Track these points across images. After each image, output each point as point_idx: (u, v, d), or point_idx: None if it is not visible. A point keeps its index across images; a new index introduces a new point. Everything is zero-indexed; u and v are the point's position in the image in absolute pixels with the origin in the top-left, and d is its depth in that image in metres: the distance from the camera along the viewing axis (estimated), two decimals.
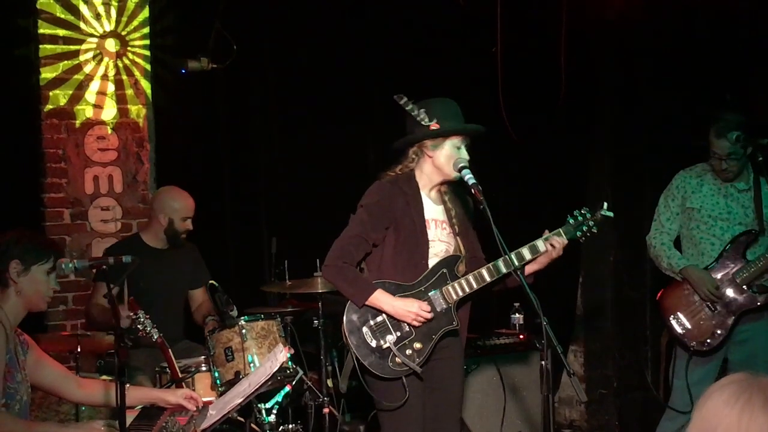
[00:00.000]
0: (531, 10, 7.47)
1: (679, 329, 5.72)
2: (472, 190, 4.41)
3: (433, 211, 4.77)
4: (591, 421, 7.72)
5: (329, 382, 5.88)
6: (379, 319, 4.59)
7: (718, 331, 5.63)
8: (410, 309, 4.54)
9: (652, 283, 7.27)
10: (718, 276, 5.66)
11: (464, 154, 4.62)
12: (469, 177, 4.45)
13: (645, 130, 7.46)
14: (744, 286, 5.62)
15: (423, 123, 4.62)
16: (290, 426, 5.73)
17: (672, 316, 5.75)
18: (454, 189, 4.81)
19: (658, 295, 5.89)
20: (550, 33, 7.38)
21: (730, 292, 5.65)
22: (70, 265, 4.12)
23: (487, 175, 4.64)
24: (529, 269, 4.74)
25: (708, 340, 5.65)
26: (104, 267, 4.18)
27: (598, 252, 7.56)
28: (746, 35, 7.02)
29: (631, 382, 7.61)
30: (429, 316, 4.56)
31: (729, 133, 5.58)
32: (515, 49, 7.35)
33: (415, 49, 7.53)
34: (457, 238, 4.78)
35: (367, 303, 4.56)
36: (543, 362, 4.07)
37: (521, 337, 6.89)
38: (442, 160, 4.66)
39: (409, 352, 4.56)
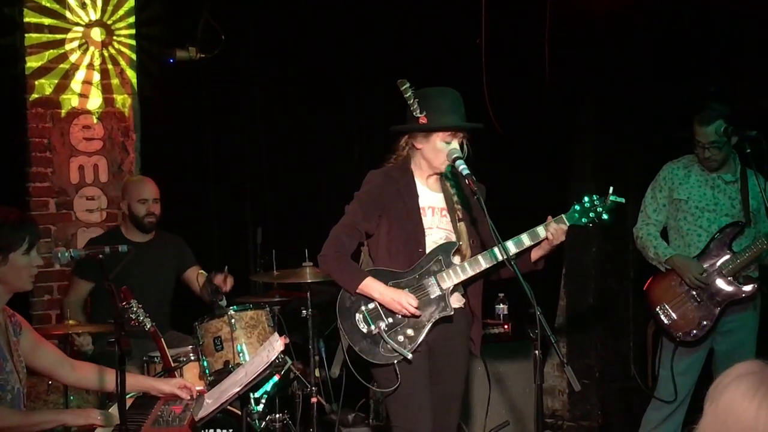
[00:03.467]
0: (515, 1, 7.49)
1: (665, 320, 5.77)
2: (466, 181, 4.43)
3: (431, 199, 4.77)
4: (573, 411, 7.75)
5: (317, 372, 5.88)
6: (371, 305, 4.62)
7: (704, 322, 5.68)
8: (396, 299, 4.55)
9: (634, 274, 7.32)
10: (704, 267, 5.69)
11: (454, 148, 4.60)
12: (462, 168, 4.45)
13: (629, 121, 7.49)
14: (730, 277, 5.66)
15: (414, 114, 4.62)
16: (278, 415, 5.75)
17: (658, 306, 5.79)
18: (457, 176, 4.78)
19: (645, 285, 5.94)
20: (535, 23, 7.41)
21: (716, 283, 5.68)
22: (67, 254, 4.06)
23: (471, 165, 4.63)
24: (535, 255, 4.73)
25: (694, 331, 5.70)
26: (100, 256, 4.13)
27: (581, 243, 7.58)
28: (730, 26, 7.06)
29: (614, 372, 7.65)
30: (414, 311, 4.56)
31: (713, 122, 5.62)
32: (500, 40, 7.37)
33: (400, 40, 7.54)
34: (460, 224, 4.75)
35: (358, 290, 4.60)
36: (536, 352, 4.12)
37: (506, 327, 6.91)
38: (430, 154, 4.68)
39: (400, 338, 4.59)
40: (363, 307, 4.63)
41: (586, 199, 4.67)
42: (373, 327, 4.60)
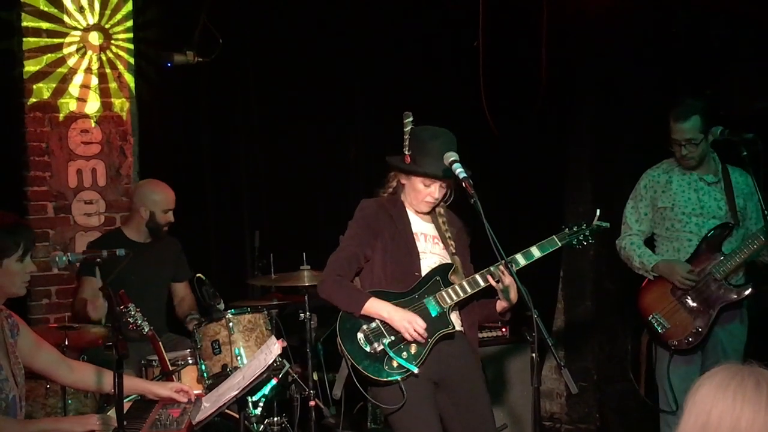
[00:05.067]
0: (513, 5, 7.51)
1: (658, 329, 5.62)
2: (463, 184, 4.40)
3: (423, 227, 4.80)
4: (571, 413, 7.76)
5: (315, 375, 5.89)
6: (373, 324, 4.58)
7: (699, 328, 5.53)
8: (406, 318, 4.51)
9: (631, 276, 7.32)
10: (696, 270, 5.55)
11: (434, 193, 4.68)
12: (460, 171, 4.41)
13: (625, 125, 7.50)
14: (722, 281, 5.53)
15: (404, 151, 4.68)
16: (276, 419, 5.76)
17: (650, 316, 5.66)
18: (448, 212, 4.87)
19: (637, 298, 5.83)
20: (532, 28, 7.43)
21: (708, 287, 5.55)
22: (64, 258, 4.03)
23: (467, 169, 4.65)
24: (500, 306, 4.76)
25: (689, 338, 5.55)
26: (98, 260, 4.11)
27: None
28: (724, 31, 7.08)
29: (611, 374, 7.65)
30: (423, 332, 4.53)
31: (689, 118, 5.51)
32: (497, 44, 7.39)
33: (397, 44, 7.57)
34: (454, 257, 4.77)
35: (363, 312, 4.56)
36: (533, 355, 4.09)
37: (503, 330, 6.92)
38: (411, 192, 4.75)
39: (405, 354, 4.56)
40: (365, 326, 4.59)
41: (575, 227, 4.90)
42: (376, 345, 4.56)
